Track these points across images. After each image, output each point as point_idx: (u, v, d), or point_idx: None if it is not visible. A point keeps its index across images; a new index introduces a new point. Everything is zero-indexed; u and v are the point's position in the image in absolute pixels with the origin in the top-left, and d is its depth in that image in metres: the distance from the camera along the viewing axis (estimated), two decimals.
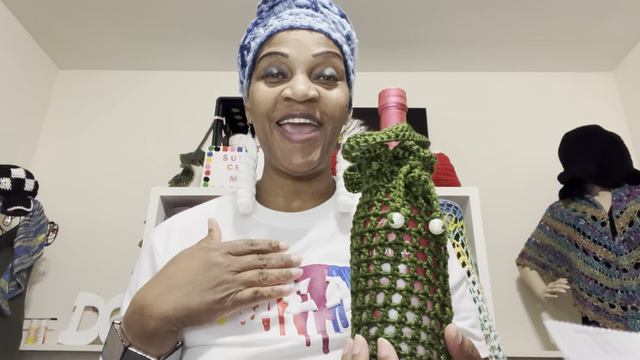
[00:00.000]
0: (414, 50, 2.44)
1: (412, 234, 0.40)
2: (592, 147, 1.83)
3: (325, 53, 0.59)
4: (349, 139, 0.44)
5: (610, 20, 2.19)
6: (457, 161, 2.00)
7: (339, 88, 0.61)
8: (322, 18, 0.63)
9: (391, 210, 0.40)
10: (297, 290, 0.55)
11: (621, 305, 1.62)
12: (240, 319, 0.52)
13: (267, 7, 0.65)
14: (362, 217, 0.42)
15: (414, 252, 0.39)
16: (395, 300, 0.38)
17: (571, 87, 2.52)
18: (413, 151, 0.43)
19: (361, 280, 0.40)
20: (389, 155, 0.43)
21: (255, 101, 0.61)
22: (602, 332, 0.30)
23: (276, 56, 0.59)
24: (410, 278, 0.38)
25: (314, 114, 0.58)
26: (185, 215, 0.69)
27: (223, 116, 2.00)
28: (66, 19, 2.23)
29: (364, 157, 0.44)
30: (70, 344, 1.94)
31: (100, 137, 2.44)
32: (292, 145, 0.58)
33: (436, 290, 0.39)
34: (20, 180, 1.88)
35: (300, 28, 0.60)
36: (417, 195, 0.42)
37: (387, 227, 0.40)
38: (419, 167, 0.42)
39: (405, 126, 0.43)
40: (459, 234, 1.50)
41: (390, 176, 0.43)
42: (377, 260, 0.40)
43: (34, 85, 2.39)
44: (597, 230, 1.73)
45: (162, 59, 2.51)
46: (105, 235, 2.22)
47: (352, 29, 0.67)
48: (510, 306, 2.11)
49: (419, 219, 0.41)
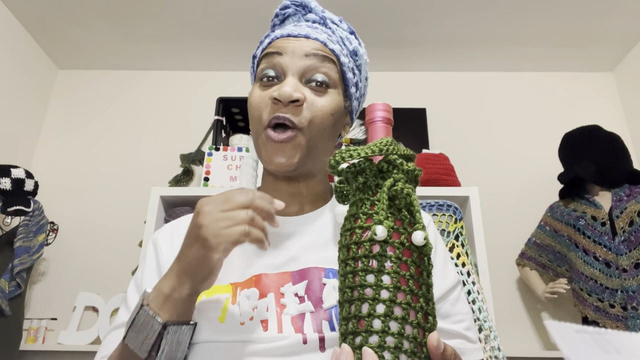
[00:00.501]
0: (414, 50, 2.44)
1: (396, 245, 0.41)
2: (592, 147, 1.83)
3: (317, 55, 0.62)
4: (335, 154, 0.45)
5: (610, 21, 2.19)
6: (457, 161, 2.00)
7: (329, 96, 0.62)
8: (324, 31, 0.65)
9: (375, 223, 0.41)
10: (295, 292, 0.56)
11: (621, 305, 1.62)
12: (240, 320, 0.54)
13: (278, 21, 0.69)
14: (348, 230, 0.44)
15: (397, 263, 0.41)
16: (379, 310, 0.39)
17: (571, 87, 2.52)
18: (397, 165, 0.44)
19: (347, 291, 0.42)
20: (373, 169, 0.45)
21: (250, 105, 0.64)
22: (602, 332, 0.30)
23: (271, 56, 0.62)
24: (393, 288, 0.40)
25: (295, 119, 0.59)
26: (188, 219, 0.69)
27: (223, 116, 2.00)
28: (66, 19, 2.23)
29: (349, 172, 0.45)
30: (70, 344, 1.94)
31: (100, 137, 2.44)
32: (273, 144, 0.60)
33: (419, 299, 0.41)
34: (20, 180, 1.88)
35: (298, 36, 0.63)
36: (401, 207, 0.43)
37: (371, 239, 0.41)
38: (402, 180, 0.43)
39: (389, 140, 0.45)
40: (458, 234, 1.50)
41: (375, 189, 0.44)
42: (362, 272, 0.41)
43: (34, 85, 2.39)
44: (597, 230, 1.73)
45: (162, 59, 2.51)
46: (105, 235, 2.22)
47: (361, 46, 0.69)
48: (510, 306, 2.11)
49: (402, 230, 0.42)
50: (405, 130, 2.28)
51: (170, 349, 0.50)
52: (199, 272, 0.49)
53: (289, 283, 0.57)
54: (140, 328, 0.50)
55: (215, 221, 0.47)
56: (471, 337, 0.62)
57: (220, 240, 0.47)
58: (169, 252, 0.63)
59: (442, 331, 0.60)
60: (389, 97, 2.46)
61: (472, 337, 0.62)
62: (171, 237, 0.66)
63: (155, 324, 0.49)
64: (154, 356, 0.49)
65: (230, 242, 0.47)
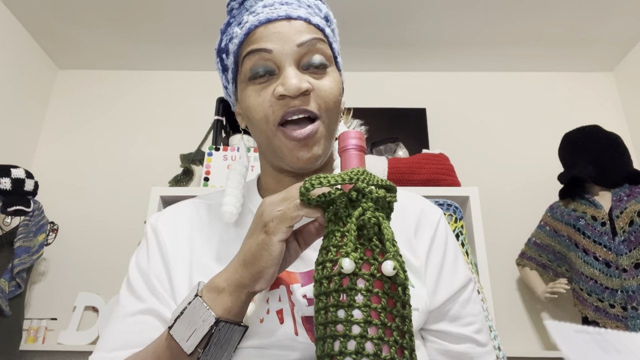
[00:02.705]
0: (414, 50, 2.44)
1: (366, 277, 0.40)
2: (592, 147, 1.83)
3: (309, 41, 0.57)
4: (305, 181, 0.44)
5: (610, 21, 2.19)
6: (457, 161, 2.00)
7: (330, 76, 0.59)
8: (297, 5, 0.59)
9: (342, 256, 0.40)
10: (304, 294, 0.55)
11: (621, 305, 1.62)
12: (259, 316, 0.53)
13: (236, 4, 0.61)
14: (320, 263, 0.43)
15: (368, 296, 0.39)
16: (350, 347, 0.38)
17: (571, 87, 2.52)
18: (365, 193, 0.43)
19: (320, 328, 0.41)
20: (344, 199, 0.43)
21: (250, 109, 0.58)
22: (602, 332, 0.30)
23: (259, 53, 0.56)
24: (364, 323, 0.38)
25: (310, 107, 0.56)
26: (188, 203, 0.68)
27: (223, 116, 2.00)
28: (66, 19, 2.23)
29: (320, 201, 0.44)
30: (70, 344, 1.94)
31: (100, 137, 2.44)
32: (296, 142, 0.56)
33: (392, 333, 0.39)
34: (20, 180, 1.88)
35: (277, 19, 0.57)
36: (371, 237, 0.42)
37: (340, 273, 0.40)
38: (372, 209, 0.42)
39: (359, 170, 0.44)
40: (459, 233, 1.50)
41: (346, 220, 0.43)
42: (332, 307, 0.40)
43: (34, 85, 2.39)
44: (597, 230, 1.73)
45: (162, 59, 2.51)
46: (105, 235, 2.22)
47: (329, 9, 0.64)
48: (510, 306, 2.11)
49: (372, 261, 0.41)
50: (405, 130, 2.28)
51: (216, 349, 0.48)
52: (258, 259, 0.46)
53: (297, 283, 0.56)
54: (191, 320, 0.47)
55: (273, 206, 0.46)
56: (481, 340, 0.60)
57: (277, 223, 0.45)
58: (170, 238, 0.61)
59: (450, 335, 0.59)
60: (389, 97, 2.47)
61: (482, 340, 0.60)
62: (173, 222, 0.64)
63: (209, 317, 0.46)
64: (198, 352, 0.47)
65: (287, 219, 0.45)
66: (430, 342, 0.60)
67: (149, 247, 0.62)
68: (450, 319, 0.59)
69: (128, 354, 0.53)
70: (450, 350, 0.59)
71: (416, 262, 0.60)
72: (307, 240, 0.49)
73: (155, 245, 0.61)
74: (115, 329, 0.56)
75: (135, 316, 0.56)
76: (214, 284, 0.49)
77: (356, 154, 0.48)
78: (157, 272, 0.59)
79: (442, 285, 0.60)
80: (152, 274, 0.59)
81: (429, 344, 0.60)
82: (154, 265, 0.60)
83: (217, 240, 0.61)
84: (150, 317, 0.56)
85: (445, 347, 0.59)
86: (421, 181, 1.69)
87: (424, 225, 0.64)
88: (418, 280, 0.59)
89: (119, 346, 0.54)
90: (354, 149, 0.48)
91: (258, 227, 0.47)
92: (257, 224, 0.47)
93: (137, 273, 0.60)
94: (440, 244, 0.63)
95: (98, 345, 0.56)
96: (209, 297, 0.48)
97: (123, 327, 0.56)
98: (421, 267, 0.60)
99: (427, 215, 0.65)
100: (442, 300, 0.59)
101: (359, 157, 0.48)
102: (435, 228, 0.64)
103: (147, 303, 0.57)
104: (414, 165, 1.72)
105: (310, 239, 0.49)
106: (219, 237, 0.62)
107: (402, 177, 1.69)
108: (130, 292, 0.59)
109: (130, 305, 0.57)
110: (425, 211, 0.66)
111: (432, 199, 1.57)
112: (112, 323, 0.57)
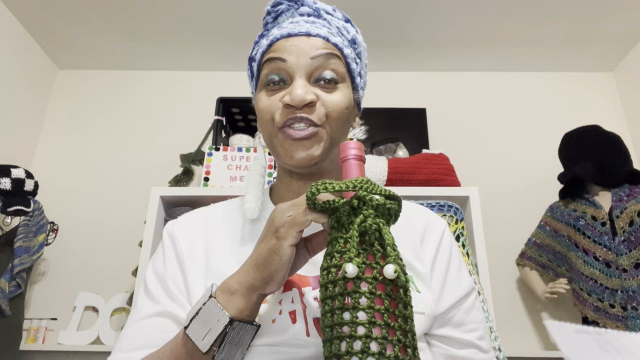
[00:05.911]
0: (414, 50, 2.44)
1: (369, 280, 0.42)
2: (592, 147, 1.83)
3: (323, 55, 0.61)
4: (312, 186, 0.46)
5: (610, 20, 2.19)
6: (457, 161, 2.00)
7: (340, 91, 0.62)
8: (322, 24, 0.64)
9: (345, 261, 0.42)
10: (315, 297, 0.56)
11: (621, 305, 1.62)
12: (272, 317, 0.55)
13: (271, 19, 0.68)
14: (325, 269, 0.45)
15: (371, 298, 0.42)
16: (356, 347, 0.40)
17: (571, 87, 2.52)
18: (366, 200, 0.45)
19: (327, 330, 0.43)
20: (346, 207, 0.46)
21: (260, 110, 0.63)
22: (602, 332, 0.30)
23: (275, 62, 0.61)
24: (368, 324, 0.41)
25: (312, 116, 0.59)
26: (203, 210, 0.71)
27: (223, 116, 2.00)
28: (66, 19, 2.23)
29: (325, 208, 0.46)
30: (70, 344, 1.94)
31: (100, 137, 2.44)
32: (292, 141, 0.60)
33: (395, 332, 0.41)
34: (20, 180, 1.88)
35: (298, 34, 0.62)
36: (372, 242, 0.44)
37: (344, 277, 0.43)
38: (372, 216, 0.45)
39: (363, 179, 0.47)
40: (459, 235, 1.50)
41: (348, 227, 0.45)
42: (338, 310, 0.42)
43: (34, 85, 2.39)
44: (597, 230, 1.73)
45: (162, 59, 2.51)
46: (105, 235, 2.22)
47: (358, 33, 0.69)
48: (510, 306, 2.11)
49: (374, 265, 0.43)
50: (405, 130, 2.28)
51: (230, 347, 0.50)
52: (269, 263, 0.48)
53: (309, 287, 0.57)
54: (206, 320, 0.49)
55: (284, 212, 0.49)
56: (483, 347, 0.62)
57: (287, 228, 0.47)
58: (186, 243, 0.64)
59: (454, 340, 0.61)
60: (389, 97, 2.47)
61: (485, 346, 0.62)
62: (187, 229, 0.66)
63: (223, 317, 0.49)
64: (213, 351, 0.49)
65: (297, 224, 0.47)
66: (435, 347, 0.62)
67: (165, 251, 0.64)
68: (454, 325, 0.61)
69: (145, 353, 0.55)
70: (454, 355, 0.61)
71: (422, 268, 0.62)
72: (315, 247, 0.52)
73: (171, 250, 0.64)
74: (132, 331, 0.58)
75: (152, 318, 0.59)
76: (227, 286, 0.51)
77: (356, 163, 0.50)
78: (173, 275, 0.61)
79: (447, 291, 0.62)
80: (168, 277, 0.61)
81: (434, 349, 0.62)
82: (170, 269, 0.62)
83: (232, 244, 0.64)
84: (166, 319, 0.58)
85: (449, 352, 0.61)
86: (421, 181, 1.69)
87: (430, 235, 0.67)
88: (424, 285, 0.61)
89: (136, 347, 0.57)
90: (354, 158, 0.50)
91: (270, 232, 0.49)
92: (268, 229, 0.50)
93: (154, 277, 0.62)
94: (445, 252, 0.66)
95: (115, 347, 0.58)
96: (222, 298, 0.50)
97: (140, 329, 0.58)
98: (427, 274, 0.62)
99: (432, 226, 0.69)
100: (447, 306, 0.61)
101: (359, 167, 0.50)
102: (441, 238, 0.67)
103: (163, 305, 0.59)
104: (414, 166, 1.72)
105: (319, 247, 0.52)
106: (234, 241, 0.64)
107: (402, 177, 1.70)
108: (147, 295, 0.61)
109: (146, 308, 0.60)
110: (431, 221, 0.69)
111: (432, 199, 1.57)
112: (128, 326, 0.60)
